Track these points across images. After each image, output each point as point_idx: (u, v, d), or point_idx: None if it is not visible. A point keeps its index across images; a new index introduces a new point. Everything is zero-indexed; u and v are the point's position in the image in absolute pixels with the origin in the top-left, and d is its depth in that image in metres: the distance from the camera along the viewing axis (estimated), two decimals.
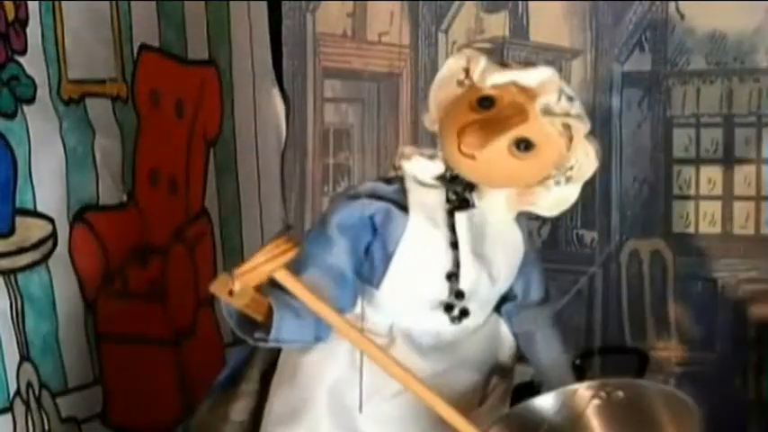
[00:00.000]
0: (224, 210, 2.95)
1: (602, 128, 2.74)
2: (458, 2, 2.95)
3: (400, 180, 1.91)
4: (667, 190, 2.77)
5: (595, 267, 2.79)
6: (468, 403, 1.90)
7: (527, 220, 1.99)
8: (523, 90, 1.81)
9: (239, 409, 1.99)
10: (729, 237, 2.71)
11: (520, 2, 2.88)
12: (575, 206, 1.94)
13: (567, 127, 1.82)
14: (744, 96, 2.67)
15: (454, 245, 1.88)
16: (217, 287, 1.71)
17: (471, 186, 1.88)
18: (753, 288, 2.68)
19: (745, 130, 2.69)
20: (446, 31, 2.98)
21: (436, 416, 1.84)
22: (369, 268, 1.90)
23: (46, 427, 2.33)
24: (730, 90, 2.69)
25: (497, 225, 1.93)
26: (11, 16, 2.27)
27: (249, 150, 3.04)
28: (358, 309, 1.90)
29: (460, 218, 1.89)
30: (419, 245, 1.87)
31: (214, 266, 2.90)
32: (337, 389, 1.89)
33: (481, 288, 1.92)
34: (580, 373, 2.07)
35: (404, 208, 1.87)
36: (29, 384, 2.29)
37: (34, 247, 2.32)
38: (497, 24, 2.91)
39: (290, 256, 1.69)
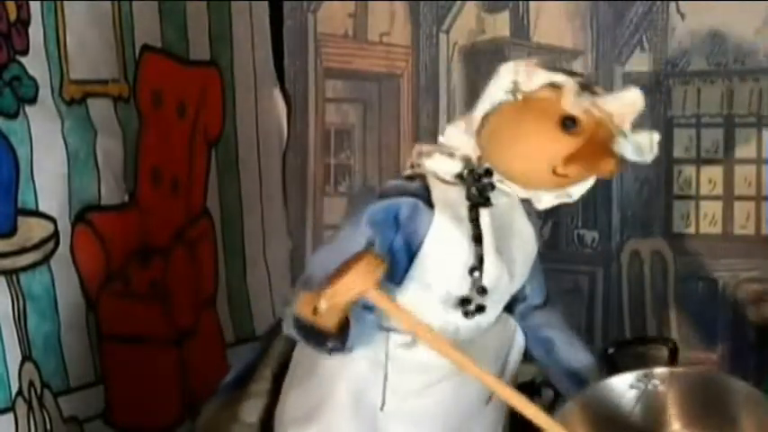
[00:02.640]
0: (225, 210, 2.95)
1: None
2: (459, 2, 2.95)
3: (421, 177, 1.93)
4: (668, 190, 2.77)
5: None
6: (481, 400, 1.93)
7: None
8: (605, 111, 1.85)
9: (250, 410, 1.99)
10: (730, 237, 2.71)
11: (521, 2, 2.88)
12: (575, 206, 1.96)
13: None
14: (744, 97, 2.68)
15: (477, 240, 1.89)
16: (302, 306, 1.72)
17: (492, 185, 1.91)
18: (753, 288, 2.69)
19: (746, 130, 2.69)
20: (447, 32, 2.98)
21: (458, 414, 1.88)
22: (390, 265, 1.89)
23: (48, 427, 2.33)
24: (731, 90, 2.69)
25: (515, 222, 1.96)
26: (13, 16, 2.28)
27: (251, 150, 3.04)
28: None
29: (484, 213, 1.91)
30: (444, 240, 1.88)
31: (215, 266, 2.91)
32: (358, 387, 1.89)
33: (501, 284, 1.93)
34: (612, 364, 2.07)
35: (429, 203, 1.89)
36: (31, 384, 2.29)
37: (36, 247, 2.32)
38: (498, 25, 2.91)
39: (379, 274, 1.70)
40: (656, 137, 1.91)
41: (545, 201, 1.95)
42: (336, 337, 1.80)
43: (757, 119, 2.68)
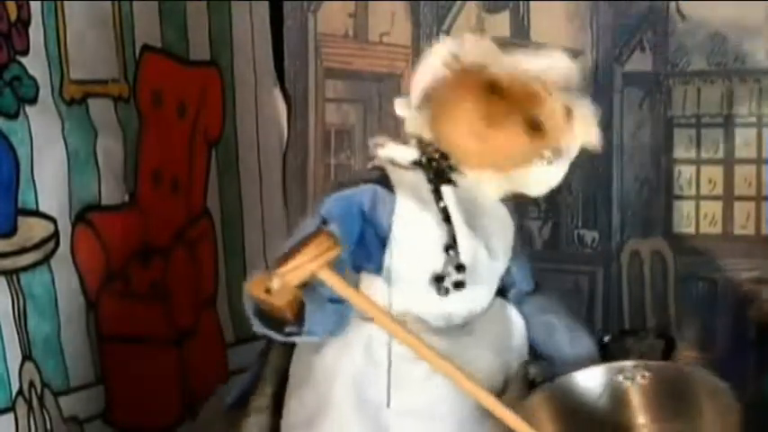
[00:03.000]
0: (225, 210, 2.95)
1: (602, 128, 2.74)
2: (459, 2, 2.95)
3: (380, 169, 1.94)
4: (668, 190, 2.77)
5: None
6: (492, 385, 1.91)
7: (530, 220, 2.02)
8: (530, 72, 1.88)
9: (252, 426, 1.98)
10: (730, 237, 2.71)
11: (521, 2, 2.88)
12: (576, 206, 1.97)
13: (569, 109, 1.86)
14: (744, 97, 2.68)
15: (446, 219, 1.90)
16: (253, 286, 1.72)
17: (451, 167, 1.92)
18: (753, 288, 2.69)
19: (746, 130, 2.69)
20: (447, 32, 2.98)
21: (461, 405, 1.87)
22: (365, 256, 1.91)
23: (48, 427, 2.33)
24: (731, 90, 2.69)
25: (483, 201, 1.97)
26: (13, 17, 2.28)
27: (251, 150, 3.04)
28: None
29: (447, 191, 1.92)
30: (411, 222, 1.89)
31: (215, 267, 2.90)
32: (357, 384, 1.89)
33: (481, 261, 1.93)
34: (606, 353, 2.07)
35: (389, 189, 1.90)
36: (31, 384, 2.29)
37: (36, 246, 2.32)
38: (499, 25, 2.91)
39: (333, 254, 1.69)
40: (588, 110, 1.91)
41: (495, 187, 1.96)
42: (293, 321, 1.79)
43: (757, 119, 2.68)
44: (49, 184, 2.35)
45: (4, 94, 2.24)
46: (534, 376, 2.07)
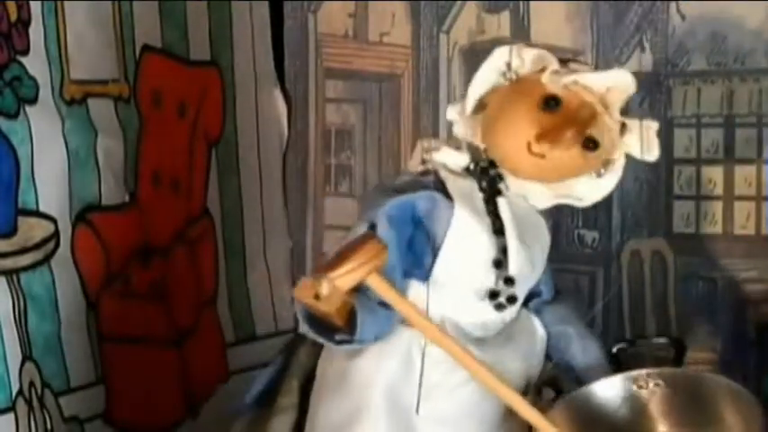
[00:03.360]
0: (226, 210, 2.96)
1: None
2: (459, 2, 2.95)
3: (433, 173, 1.92)
4: (668, 190, 2.77)
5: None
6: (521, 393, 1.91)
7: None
8: (589, 89, 1.85)
9: (281, 425, 1.95)
10: (730, 237, 2.71)
11: (521, 2, 2.89)
12: (576, 206, 1.95)
13: (624, 125, 1.88)
14: (744, 97, 2.68)
15: (498, 231, 1.88)
16: (301, 291, 1.68)
17: (500, 176, 1.91)
18: (753, 288, 2.69)
19: (746, 130, 2.69)
20: (447, 32, 2.98)
21: (496, 412, 1.87)
22: (414, 263, 1.88)
23: (48, 427, 2.33)
24: (731, 90, 2.69)
25: (528, 212, 1.95)
26: (13, 17, 2.28)
27: (251, 150, 3.05)
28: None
29: (503, 203, 1.90)
30: (466, 233, 1.86)
31: (216, 266, 2.91)
32: (393, 390, 1.85)
33: (526, 276, 1.93)
34: (617, 363, 2.07)
35: (447, 197, 1.87)
36: (31, 384, 2.29)
37: (36, 247, 2.32)
38: (499, 25, 2.91)
39: (383, 259, 1.67)
40: (653, 125, 1.90)
41: (542, 198, 1.95)
42: (344, 329, 1.76)
43: (757, 119, 2.68)
44: (50, 184, 2.35)
45: (5, 95, 2.24)
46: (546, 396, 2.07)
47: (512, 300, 1.90)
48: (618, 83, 1.87)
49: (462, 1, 2.95)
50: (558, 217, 2.85)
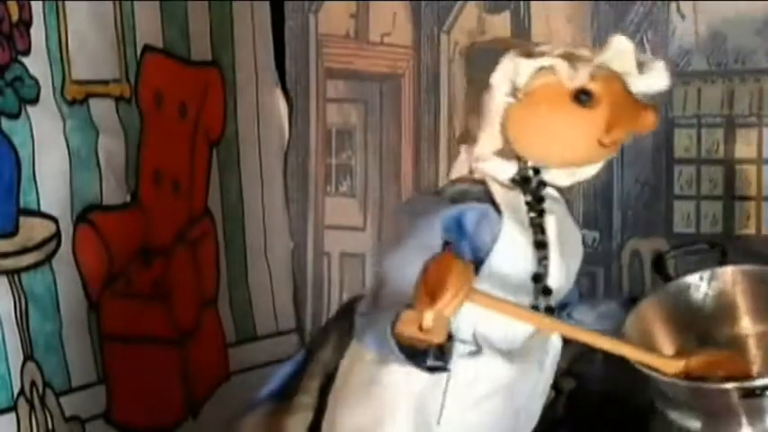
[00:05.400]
0: (227, 210, 2.96)
1: None
2: (460, 2, 2.95)
3: (481, 183, 1.91)
4: (669, 190, 2.77)
5: None
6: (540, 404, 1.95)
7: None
8: (606, 69, 1.86)
9: (297, 424, 1.93)
10: (730, 237, 2.71)
11: (522, 3, 2.89)
12: (576, 206, 1.97)
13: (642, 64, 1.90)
14: (745, 97, 2.68)
15: (539, 244, 1.88)
16: (406, 326, 1.64)
17: (543, 183, 1.92)
18: None
19: (746, 130, 2.69)
20: (448, 32, 2.98)
21: (507, 427, 1.89)
22: None
23: (50, 427, 2.33)
24: (731, 91, 2.69)
25: (570, 227, 1.96)
26: (15, 17, 2.28)
27: (252, 151, 3.05)
28: None
29: (550, 221, 1.90)
30: (512, 246, 1.85)
31: (217, 266, 2.91)
32: (420, 400, 1.85)
33: (562, 288, 1.93)
34: (661, 270, 2.07)
35: (497, 209, 1.86)
36: (33, 384, 2.30)
37: (38, 246, 2.33)
38: (499, 25, 2.91)
39: (472, 276, 1.65)
40: (659, 63, 1.92)
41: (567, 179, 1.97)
42: (437, 355, 1.71)
43: (758, 119, 2.68)
44: (51, 184, 2.35)
45: (6, 95, 2.25)
46: (568, 389, 2.07)
47: (549, 310, 1.89)
48: (619, 48, 1.88)
49: (463, 1, 2.95)
50: None
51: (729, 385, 1.80)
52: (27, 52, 2.31)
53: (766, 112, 2.67)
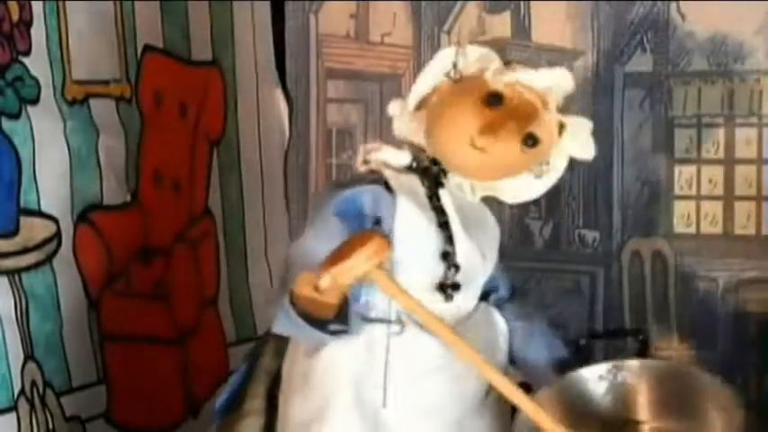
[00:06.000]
0: (227, 210, 2.96)
1: (603, 128, 2.75)
2: (460, 2, 2.95)
3: (376, 172, 1.93)
4: (669, 190, 2.78)
5: None
6: (483, 390, 1.93)
7: (531, 220, 2.02)
8: (530, 88, 1.87)
9: (249, 427, 1.96)
10: (730, 237, 2.72)
11: (522, 3, 2.89)
12: (577, 206, 1.97)
13: (562, 124, 1.89)
14: (744, 97, 2.68)
15: (443, 225, 1.89)
16: (302, 284, 1.71)
17: (443, 172, 1.92)
18: (753, 288, 2.69)
19: (746, 130, 2.70)
20: (448, 32, 2.99)
21: (460, 402, 1.89)
22: None
23: (50, 426, 2.33)
24: (731, 91, 2.69)
25: (472, 206, 1.96)
26: (15, 17, 2.28)
27: (252, 151, 3.05)
28: (362, 298, 1.87)
29: (444, 194, 1.91)
30: (411, 226, 1.88)
31: (217, 266, 2.91)
32: (358, 384, 1.87)
33: (474, 263, 1.93)
34: (583, 355, 2.07)
35: (390, 191, 1.89)
36: (33, 384, 2.30)
37: (38, 246, 2.33)
38: (499, 25, 2.91)
39: (385, 255, 1.69)
40: (588, 124, 1.91)
41: (472, 191, 1.96)
42: (337, 320, 1.78)
43: (757, 119, 2.68)
44: (51, 184, 2.36)
45: (7, 95, 2.25)
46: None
47: (455, 287, 1.90)
48: (557, 82, 1.90)
49: (463, 1, 2.95)
50: (559, 217, 2.86)
51: None
52: (27, 52, 2.31)
53: (766, 112, 2.67)
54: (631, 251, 2.81)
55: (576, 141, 1.92)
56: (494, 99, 1.85)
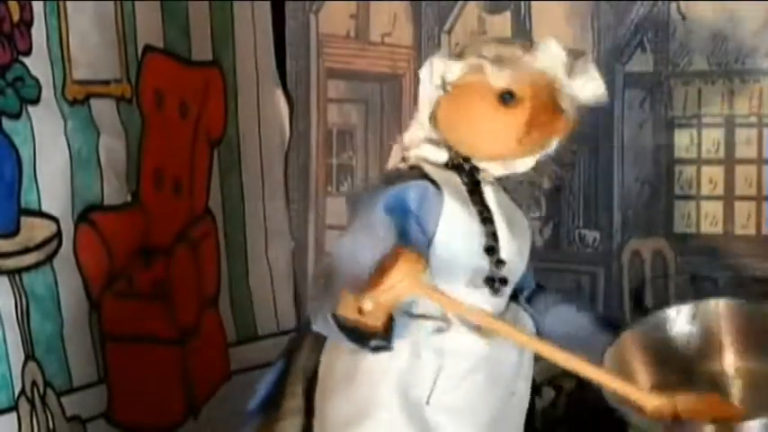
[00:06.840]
0: (228, 210, 2.96)
1: (604, 128, 2.75)
2: (460, 2, 2.95)
3: (417, 168, 1.95)
4: (669, 190, 2.77)
5: None
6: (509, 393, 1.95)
7: (531, 219, 2.03)
8: (533, 69, 1.91)
9: (288, 428, 1.96)
10: (730, 237, 2.71)
11: (522, 2, 2.89)
12: (577, 206, 1.97)
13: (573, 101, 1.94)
14: (745, 97, 2.68)
15: (486, 220, 1.92)
16: (345, 310, 1.71)
17: (476, 168, 1.96)
18: (753, 288, 2.69)
19: (747, 130, 2.69)
20: (449, 32, 2.98)
21: (491, 406, 1.91)
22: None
23: (51, 426, 2.34)
24: (731, 91, 2.69)
25: (509, 204, 2.00)
26: (16, 17, 2.29)
27: (253, 151, 3.05)
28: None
29: (488, 191, 1.95)
30: (457, 221, 1.90)
31: (218, 266, 2.91)
32: (403, 383, 1.87)
33: (516, 260, 1.96)
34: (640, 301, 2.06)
35: (436, 187, 1.90)
36: (33, 384, 2.30)
37: (39, 246, 2.33)
38: (500, 25, 2.91)
39: (420, 268, 1.68)
40: (591, 67, 1.95)
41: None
42: (381, 335, 1.78)
43: (757, 119, 2.68)
44: (52, 184, 2.36)
45: (7, 95, 2.25)
46: (568, 389, 2.08)
47: (503, 281, 1.92)
48: (550, 53, 1.91)
49: (463, 1, 2.95)
50: (559, 217, 2.86)
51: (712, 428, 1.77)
52: (28, 52, 2.31)
53: (766, 112, 2.67)
54: (631, 251, 2.81)
55: (584, 81, 1.94)
56: (507, 96, 1.89)
